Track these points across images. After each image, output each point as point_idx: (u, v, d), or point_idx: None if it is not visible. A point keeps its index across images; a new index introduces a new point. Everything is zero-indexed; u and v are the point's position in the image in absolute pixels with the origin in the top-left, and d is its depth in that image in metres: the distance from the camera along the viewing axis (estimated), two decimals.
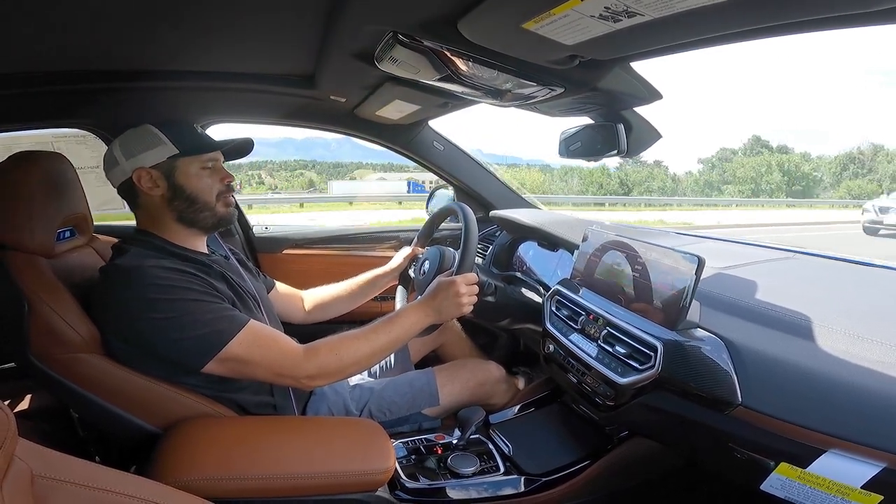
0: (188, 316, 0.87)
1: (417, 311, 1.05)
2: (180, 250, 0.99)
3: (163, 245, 0.98)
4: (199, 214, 1.01)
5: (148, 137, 0.97)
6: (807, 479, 0.66)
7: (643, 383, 0.86)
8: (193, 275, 0.92)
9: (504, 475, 1.12)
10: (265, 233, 1.91)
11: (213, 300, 0.92)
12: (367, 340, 0.99)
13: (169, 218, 1.00)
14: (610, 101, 1.12)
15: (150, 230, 1.00)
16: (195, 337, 0.87)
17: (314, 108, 1.59)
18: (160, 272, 0.89)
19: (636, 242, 0.97)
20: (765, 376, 0.72)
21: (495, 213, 1.81)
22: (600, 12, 0.64)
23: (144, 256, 0.92)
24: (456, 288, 1.05)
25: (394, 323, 1.03)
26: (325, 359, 0.95)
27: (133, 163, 0.96)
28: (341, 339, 0.99)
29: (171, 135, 0.98)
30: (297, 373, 0.94)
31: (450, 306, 1.06)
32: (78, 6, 0.80)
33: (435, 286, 1.08)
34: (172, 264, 0.92)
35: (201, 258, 1.01)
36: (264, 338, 0.93)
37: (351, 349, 0.98)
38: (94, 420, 0.92)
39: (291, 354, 0.94)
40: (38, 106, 1.32)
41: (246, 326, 0.91)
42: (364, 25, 0.85)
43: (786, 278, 1.07)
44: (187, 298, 0.88)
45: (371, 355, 1.00)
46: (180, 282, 0.89)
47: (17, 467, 0.45)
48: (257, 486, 0.81)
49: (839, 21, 0.63)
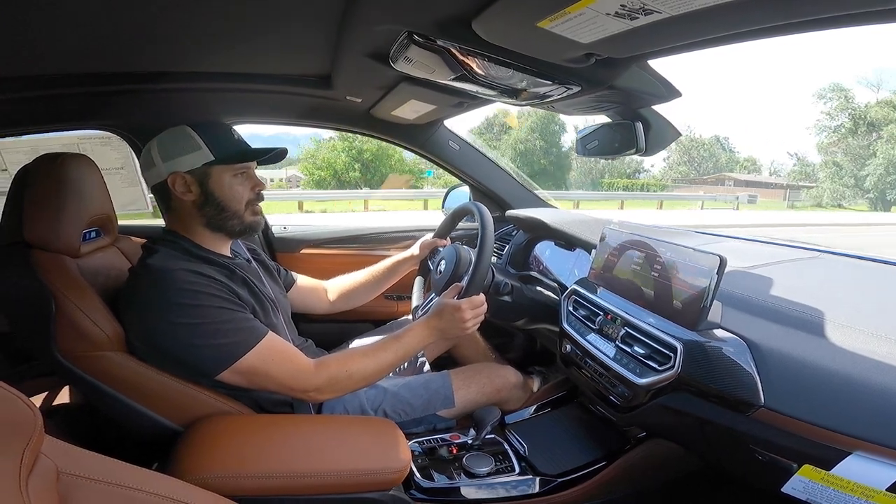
0: (209, 325, 0.89)
1: (422, 331, 1.09)
2: (206, 253, 1.01)
3: (189, 247, 1.00)
4: (228, 222, 1.02)
5: (185, 140, 0.98)
6: (831, 481, 0.65)
7: (662, 384, 0.85)
8: (218, 280, 0.94)
9: (519, 475, 1.12)
10: (284, 233, 1.94)
11: (235, 308, 0.94)
12: (375, 358, 1.03)
13: (198, 222, 1.02)
14: (627, 100, 1.10)
15: (179, 231, 1.02)
16: (213, 346, 0.89)
17: (331, 109, 1.61)
18: (187, 276, 0.90)
19: (655, 242, 0.96)
20: (788, 377, 0.71)
21: (511, 213, 1.81)
22: (616, 10, 0.63)
23: (173, 258, 0.94)
24: (461, 314, 1.07)
25: (399, 341, 1.06)
26: (334, 374, 0.99)
27: (170, 166, 0.97)
28: (350, 356, 1.02)
29: (207, 139, 0.98)
30: (307, 386, 0.97)
31: (453, 329, 1.09)
32: (101, 8, 0.82)
33: (440, 307, 1.09)
34: (199, 268, 0.94)
35: (226, 262, 1.02)
36: (279, 352, 0.96)
37: (359, 365, 1.01)
38: (118, 417, 0.94)
39: (303, 369, 0.97)
40: (62, 108, 1.34)
41: (263, 340, 0.93)
42: (378, 26, 0.85)
43: (810, 278, 1.04)
44: (210, 305, 0.90)
45: (377, 371, 1.04)
46: (205, 287, 0.91)
47: (43, 464, 0.46)
48: (273, 483, 0.82)
49: (867, 17, 0.61)
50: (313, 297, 1.42)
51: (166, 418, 0.94)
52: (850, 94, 28.19)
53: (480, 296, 1.11)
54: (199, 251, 1.01)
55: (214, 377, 0.91)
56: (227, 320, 0.91)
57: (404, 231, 2.01)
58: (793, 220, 15.04)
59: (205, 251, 1.02)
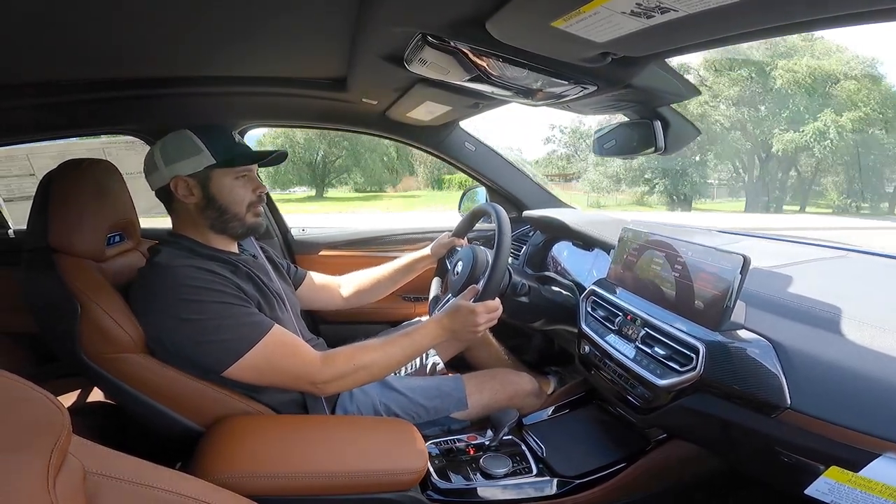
0: (214, 320, 0.90)
1: (434, 329, 1.08)
2: (210, 251, 1.03)
3: (193, 246, 1.02)
4: (230, 224, 1.05)
5: (187, 144, 1.00)
6: (858, 482, 0.64)
7: (683, 385, 0.83)
8: (221, 275, 0.96)
9: (537, 476, 1.11)
10: (302, 235, 1.96)
11: (240, 303, 0.95)
12: (384, 352, 1.03)
13: (201, 224, 1.04)
14: (645, 98, 1.08)
15: (183, 233, 1.05)
16: (218, 341, 0.91)
17: (347, 111, 1.62)
18: (191, 272, 0.92)
19: (676, 241, 0.95)
20: (815, 379, 0.69)
21: (528, 214, 1.80)
22: (632, 9, 0.62)
23: (177, 256, 0.96)
24: (475, 318, 1.07)
25: (410, 337, 1.06)
26: (342, 367, 0.99)
27: (171, 170, 1.00)
28: (358, 349, 1.02)
29: (208, 143, 1.00)
30: (315, 379, 0.97)
31: (465, 332, 1.08)
32: (124, 14, 0.84)
33: (455, 309, 1.09)
34: (202, 264, 0.95)
35: (230, 258, 1.04)
36: (285, 345, 0.97)
37: (368, 359, 1.01)
38: (142, 417, 0.96)
39: (309, 362, 0.97)
40: (86, 113, 1.38)
41: (268, 334, 0.94)
42: (392, 28, 0.86)
43: (837, 277, 1.02)
44: (213, 301, 0.92)
45: (386, 367, 1.03)
46: (208, 283, 0.93)
47: (71, 464, 0.47)
48: (291, 483, 0.82)
49: (888, 14, 0.59)
50: (326, 294, 1.43)
51: (188, 419, 0.95)
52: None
53: (496, 300, 1.11)
54: (203, 249, 1.03)
55: (222, 374, 0.92)
56: (229, 315, 0.92)
57: (422, 232, 2.01)
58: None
59: (209, 249, 1.04)
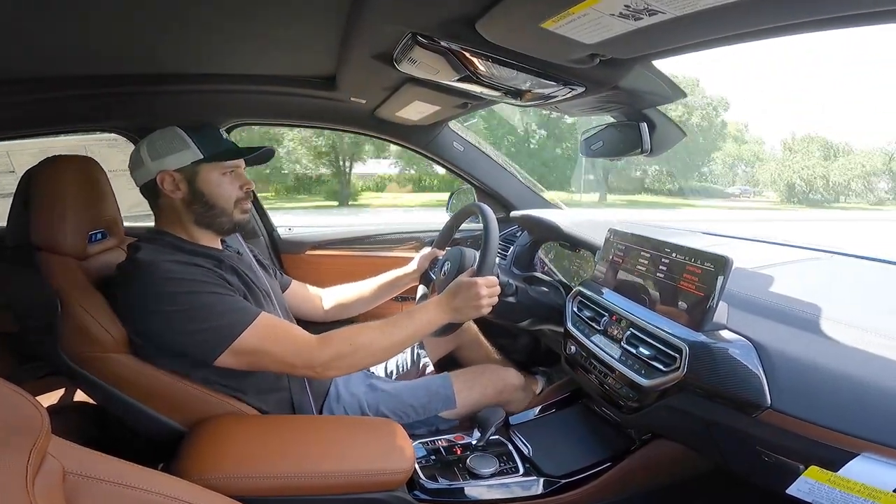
0: (201, 309, 0.89)
1: (436, 309, 1.06)
2: (193, 246, 1.02)
3: (175, 242, 1.01)
4: (217, 219, 1.03)
5: (174, 140, 0.99)
6: (836, 482, 0.65)
7: (667, 385, 0.84)
8: (205, 268, 0.95)
9: (523, 476, 1.11)
10: (289, 234, 1.95)
11: (226, 293, 0.94)
12: (383, 332, 1.00)
13: (187, 219, 1.03)
14: (632, 100, 1.10)
15: (166, 229, 1.03)
16: (208, 329, 0.89)
17: (335, 110, 1.61)
18: (173, 266, 0.91)
19: (661, 242, 0.96)
20: (795, 379, 0.70)
21: (516, 214, 1.80)
22: (620, 10, 0.63)
23: (158, 252, 0.95)
24: (476, 289, 1.05)
25: (411, 317, 1.04)
26: (340, 348, 0.96)
27: (158, 165, 0.99)
28: (357, 329, 1.01)
29: (196, 139, 1.00)
30: (312, 361, 0.94)
31: (468, 307, 1.06)
32: (108, 11, 0.83)
33: (456, 286, 1.08)
34: (185, 259, 0.94)
35: (214, 253, 1.03)
36: (277, 328, 0.95)
37: (366, 339, 0.99)
38: (124, 417, 0.94)
39: (305, 344, 0.95)
40: (69, 110, 1.36)
41: (258, 318, 0.92)
42: (382, 27, 0.86)
43: (818, 279, 1.04)
44: (200, 291, 0.90)
45: (387, 348, 1.01)
46: (193, 275, 0.91)
47: (50, 464, 0.46)
48: (277, 483, 0.82)
49: (873, 17, 0.60)
50: (308, 305, 1.40)
51: (171, 419, 0.94)
52: None
53: (494, 277, 1.10)
54: (186, 245, 1.01)
55: (214, 361, 0.91)
56: (217, 303, 0.91)
57: (409, 232, 2.01)
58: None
59: (192, 245, 1.02)
